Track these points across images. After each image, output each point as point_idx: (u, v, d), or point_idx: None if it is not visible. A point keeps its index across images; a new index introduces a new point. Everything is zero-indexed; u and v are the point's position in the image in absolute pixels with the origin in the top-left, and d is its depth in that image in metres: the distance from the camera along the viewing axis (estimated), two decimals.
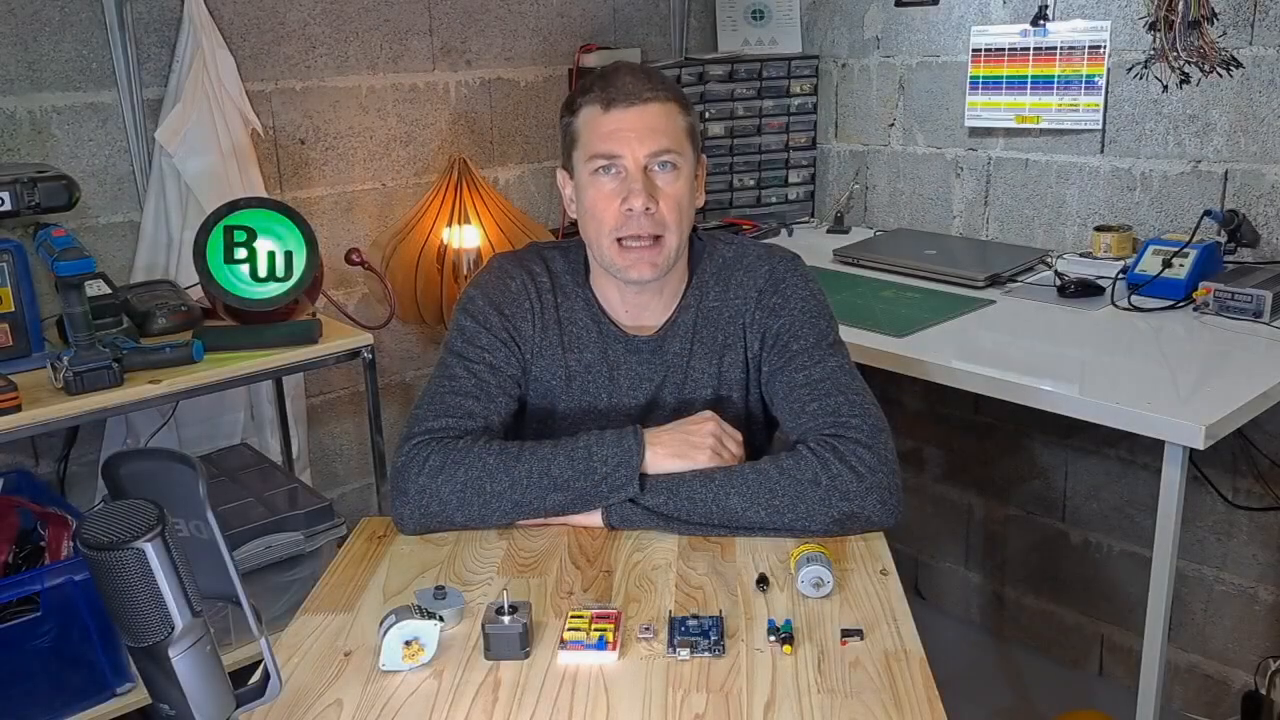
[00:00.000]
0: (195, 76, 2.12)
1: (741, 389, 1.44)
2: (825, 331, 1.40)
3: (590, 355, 1.43)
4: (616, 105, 1.32)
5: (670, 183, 1.34)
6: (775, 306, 1.41)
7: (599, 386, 1.43)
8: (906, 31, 2.64)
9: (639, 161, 1.32)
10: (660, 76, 1.37)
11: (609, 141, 1.32)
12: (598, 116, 1.33)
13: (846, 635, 1.07)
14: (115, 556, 0.72)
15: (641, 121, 1.31)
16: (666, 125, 1.33)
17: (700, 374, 1.43)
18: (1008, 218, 2.53)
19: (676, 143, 1.34)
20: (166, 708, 0.78)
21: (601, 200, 1.34)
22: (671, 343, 1.43)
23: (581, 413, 1.44)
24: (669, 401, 1.43)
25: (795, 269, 1.44)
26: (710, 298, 1.43)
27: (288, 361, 1.85)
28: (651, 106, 1.32)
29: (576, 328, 1.43)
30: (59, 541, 1.78)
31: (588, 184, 1.35)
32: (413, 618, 1.06)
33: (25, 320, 1.78)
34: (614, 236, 1.34)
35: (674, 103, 1.35)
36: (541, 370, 1.43)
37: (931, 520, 2.83)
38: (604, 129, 1.32)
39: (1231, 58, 2.09)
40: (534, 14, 2.69)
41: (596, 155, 1.33)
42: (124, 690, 1.78)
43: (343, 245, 2.39)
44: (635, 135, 1.31)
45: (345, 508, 2.55)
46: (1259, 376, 1.66)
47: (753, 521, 1.25)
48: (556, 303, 1.44)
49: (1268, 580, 2.23)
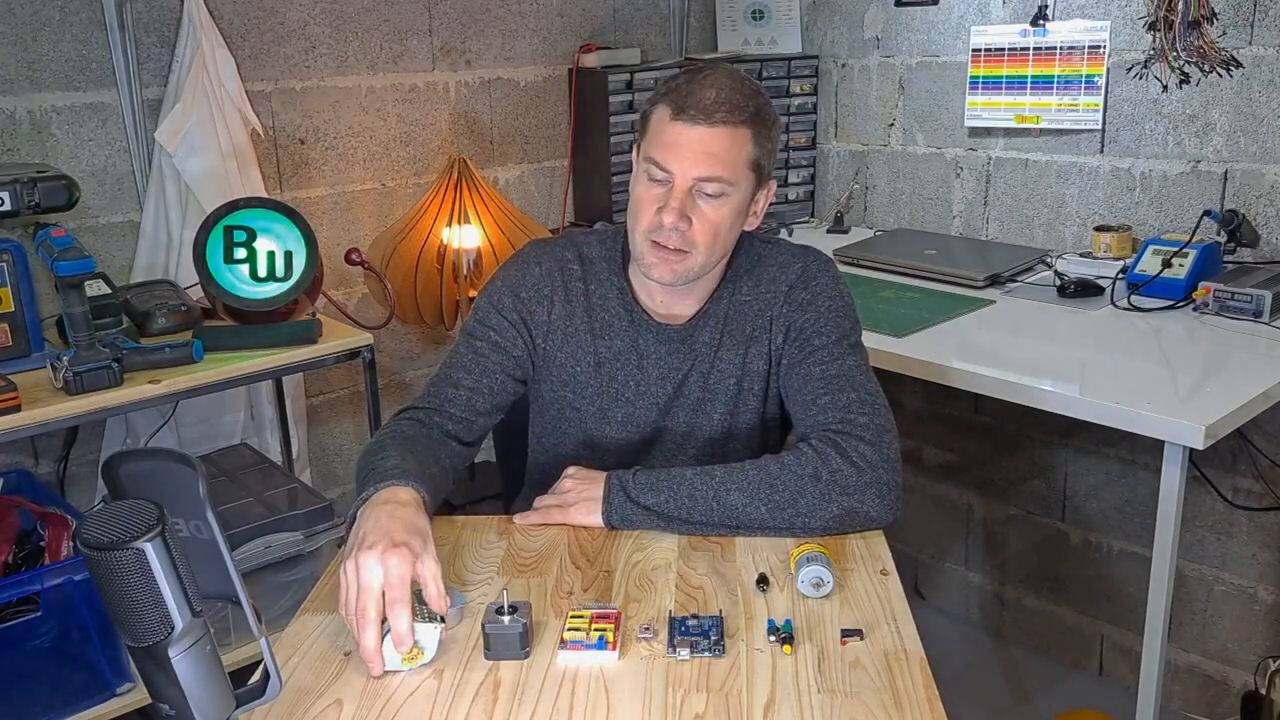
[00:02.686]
0: (195, 76, 2.12)
1: (763, 381, 1.45)
2: (848, 331, 1.41)
3: (621, 343, 1.44)
4: (684, 117, 1.29)
5: (713, 207, 1.32)
6: (803, 302, 1.42)
7: (627, 374, 1.44)
8: (906, 31, 2.64)
9: (687, 180, 1.30)
10: (745, 96, 1.31)
11: (665, 151, 1.30)
12: (666, 121, 1.31)
13: (846, 635, 1.07)
14: (115, 556, 0.72)
15: (702, 144, 1.29)
16: (727, 153, 1.30)
17: (726, 364, 1.44)
18: (1008, 218, 2.53)
19: (732, 172, 1.31)
20: (166, 708, 0.78)
21: (645, 199, 1.34)
22: (701, 332, 1.43)
23: (609, 399, 1.45)
24: (693, 391, 1.44)
25: (827, 269, 1.46)
26: (743, 291, 1.44)
27: (288, 361, 1.85)
28: (720, 131, 1.29)
29: (608, 314, 1.44)
30: (59, 541, 1.78)
31: (639, 176, 1.35)
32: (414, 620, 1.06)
33: (25, 320, 1.78)
34: (645, 235, 1.34)
35: (746, 128, 1.31)
36: (567, 356, 1.44)
37: (931, 520, 2.83)
38: (666, 136, 1.30)
39: (1231, 58, 2.09)
40: (534, 14, 2.69)
41: (651, 158, 1.32)
42: (124, 690, 1.78)
43: (343, 245, 2.39)
44: (690, 155, 1.29)
45: (345, 508, 2.54)
46: (1259, 376, 1.66)
47: (753, 518, 1.25)
48: (587, 290, 1.45)
49: (1268, 580, 2.23)
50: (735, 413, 1.45)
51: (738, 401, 1.44)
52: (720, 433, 1.45)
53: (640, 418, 1.45)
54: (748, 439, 1.46)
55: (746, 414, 1.45)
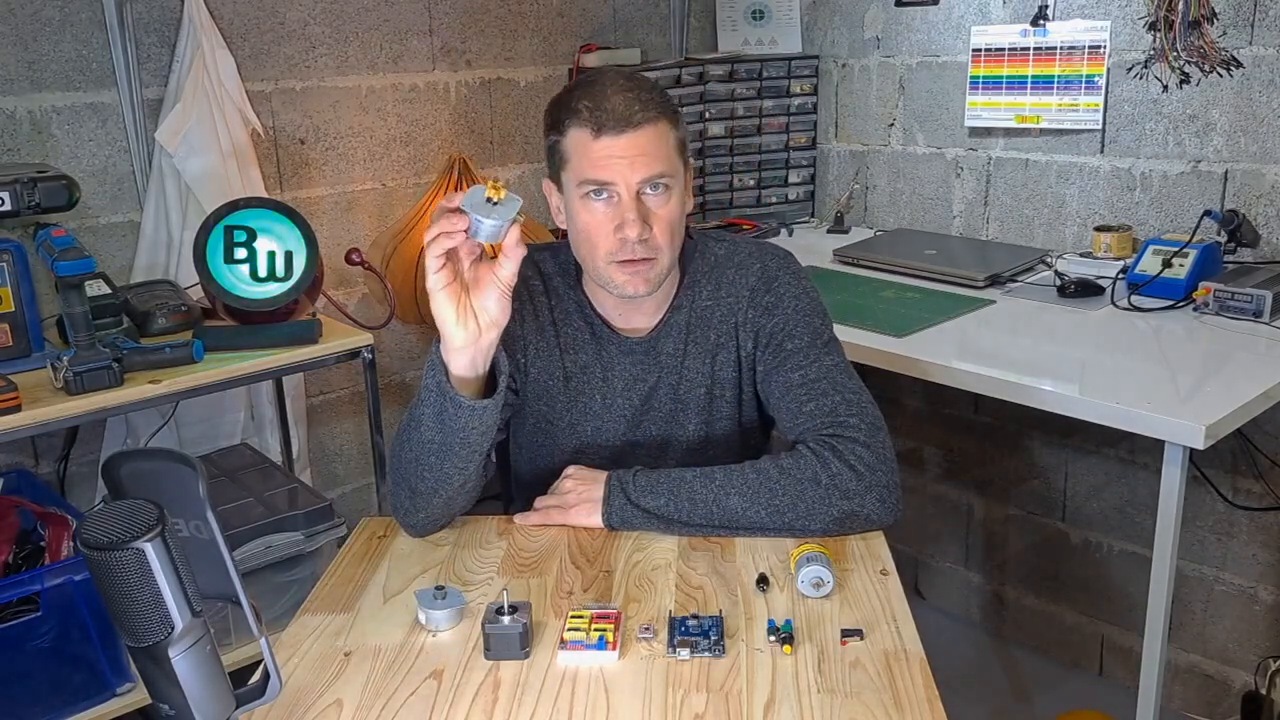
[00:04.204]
0: (195, 76, 2.12)
1: (734, 388, 1.44)
2: (819, 330, 1.39)
3: (585, 356, 1.43)
4: (607, 131, 1.26)
5: (663, 204, 1.31)
6: (769, 305, 1.40)
7: (594, 387, 1.43)
8: (906, 31, 2.64)
9: (632, 188, 1.28)
10: (648, 91, 1.31)
11: (600, 169, 1.28)
12: (587, 142, 1.28)
13: (846, 635, 1.07)
14: (115, 556, 0.72)
15: (633, 147, 1.27)
16: (658, 148, 1.29)
17: (694, 374, 1.43)
18: (1008, 218, 2.53)
19: (669, 164, 1.30)
20: (166, 708, 0.79)
21: (595, 225, 1.31)
22: (665, 343, 1.42)
23: (578, 413, 1.44)
24: (663, 402, 1.43)
25: (788, 267, 1.44)
26: (703, 297, 1.43)
27: (288, 361, 1.85)
28: (643, 130, 1.28)
29: (571, 329, 1.43)
30: (59, 541, 1.78)
31: (580, 207, 1.32)
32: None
33: (25, 320, 1.78)
34: (609, 260, 1.32)
35: (664, 120, 1.30)
36: (540, 371, 1.43)
37: (931, 520, 2.83)
38: (595, 155, 1.28)
39: (1231, 58, 2.09)
40: (534, 14, 2.69)
41: (588, 181, 1.29)
42: (124, 690, 1.78)
43: (343, 245, 2.38)
44: (627, 162, 1.27)
45: (345, 508, 2.55)
46: (1259, 376, 1.66)
47: (753, 521, 1.25)
48: (550, 305, 1.44)
49: (1268, 580, 2.23)
50: (710, 420, 1.44)
51: (710, 410, 1.43)
52: (697, 441, 1.44)
53: (610, 430, 1.44)
54: (725, 445, 1.45)
55: (721, 421, 1.44)
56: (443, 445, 1.21)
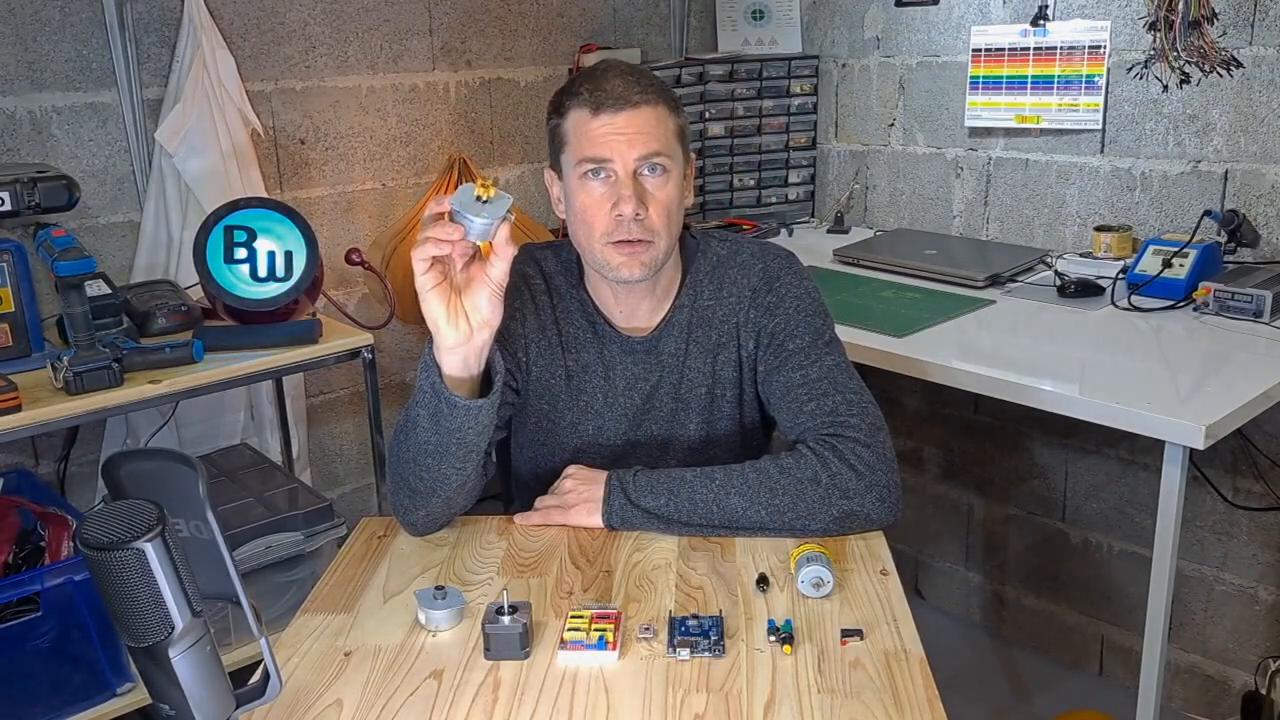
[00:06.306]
0: (195, 76, 2.12)
1: (735, 388, 1.44)
2: (821, 330, 1.39)
3: (588, 355, 1.43)
4: (605, 109, 1.30)
5: (660, 186, 1.32)
6: (770, 305, 1.40)
7: (595, 386, 1.43)
8: (906, 31, 2.64)
9: (629, 166, 1.30)
10: (649, 78, 1.34)
11: (598, 146, 1.30)
12: (586, 120, 1.31)
13: (846, 635, 1.07)
14: (115, 556, 0.72)
15: (631, 125, 1.30)
16: (656, 128, 1.31)
17: (696, 374, 1.43)
18: (1008, 218, 2.53)
19: (666, 145, 1.32)
20: (166, 708, 0.78)
21: (592, 205, 1.32)
22: (666, 342, 1.42)
23: (579, 412, 1.44)
24: (665, 401, 1.43)
25: (789, 267, 1.44)
26: (704, 297, 1.43)
27: (288, 361, 1.85)
28: (641, 110, 1.30)
29: (573, 328, 1.43)
30: (59, 541, 1.78)
31: (577, 188, 1.33)
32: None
33: (25, 320, 1.78)
34: (605, 241, 1.33)
35: (663, 105, 1.33)
36: (542, 370, 1.43)
37: (931, 520, 2.83)
38: (593, 133, 1.30)
39: (1231, 58, 2.09)
40: (534, 14, 2.69)
41: (585, 159, 1.31)
42: (124, 690, 1.78)
43: (343, 245, 2.39)
44: (625, 139, 1.30)
45: (345, 508, 2.55)
46: (1259, 376, 1.66)
47: (753, 521, 1.25)
48: (552, 304, 1.44)
49: (1268, 580, 2.23)
50: (711, 420, 1.44)
51: (712, 410, 1.43)
52: (698, 441, 1.44)
53: (611, 430, 1.44)
54: (727, 445, 1.45)
55: (722, 421, 1.44)
56: (439, 446, 1.21)
